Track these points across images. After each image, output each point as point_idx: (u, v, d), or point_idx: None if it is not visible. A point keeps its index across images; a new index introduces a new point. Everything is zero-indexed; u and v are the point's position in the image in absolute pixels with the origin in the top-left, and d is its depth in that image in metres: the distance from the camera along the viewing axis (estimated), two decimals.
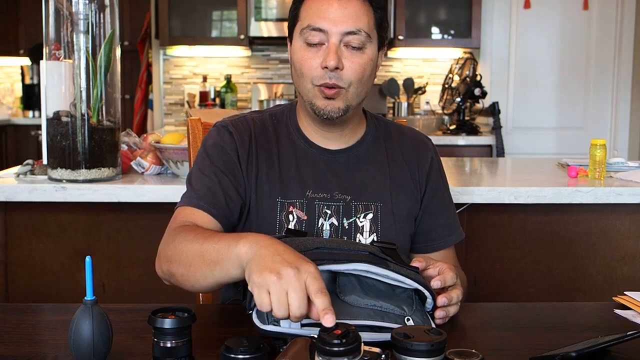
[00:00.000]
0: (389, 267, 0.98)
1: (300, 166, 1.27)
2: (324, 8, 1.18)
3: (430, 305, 1.02)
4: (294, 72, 1.25)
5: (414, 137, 1.38)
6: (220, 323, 1.08)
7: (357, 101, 1.24)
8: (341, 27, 1.17)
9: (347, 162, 1.29)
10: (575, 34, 4.17)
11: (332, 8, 1.18)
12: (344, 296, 0.96)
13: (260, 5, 4.01)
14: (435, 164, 1.36)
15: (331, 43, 1.18)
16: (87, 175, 1.83)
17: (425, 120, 4.00)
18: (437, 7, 4.17)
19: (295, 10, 1.24)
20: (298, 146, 1.29)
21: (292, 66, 1.25)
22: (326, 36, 1.18)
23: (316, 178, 1.26)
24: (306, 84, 1.22)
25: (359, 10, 1.19)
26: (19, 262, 1.91)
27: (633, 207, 1.93)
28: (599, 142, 2.01)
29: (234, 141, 1.25)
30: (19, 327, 1.03)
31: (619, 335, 0.89)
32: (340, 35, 1.18)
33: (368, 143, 1.33)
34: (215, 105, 4.27)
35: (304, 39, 1.20)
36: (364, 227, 1.26)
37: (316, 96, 1.21)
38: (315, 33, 1.18)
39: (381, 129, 1.36)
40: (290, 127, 1.31)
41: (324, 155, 1.29)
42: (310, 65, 1.20)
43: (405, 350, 0.81)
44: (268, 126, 1.30)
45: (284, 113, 1.34)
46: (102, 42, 1.79)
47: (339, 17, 1.17)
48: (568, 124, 4.24)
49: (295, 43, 1.23)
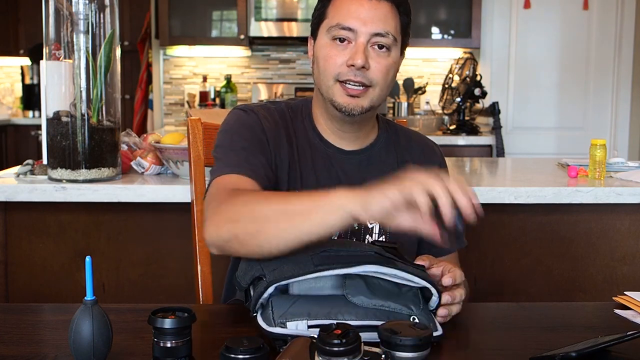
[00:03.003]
0: (397, 266, 0.98)
1: (315, 162, 1.27)
2: (354, 8, 1.19)
3: (435, 304, 1.02)
4: (316, 69, 1.25)
5: (422, 143, 1.39)
6: (220, 323, 1.08)
7: (379, 102, 1.24)
8: (370, 27, 1.18)
9: (359, 163, 1.30)
10: (575, 34, 4.17)
11: (363, 8, 1.18)
12: (352, 297, 0.96)
13: (260, 5, 4.01)
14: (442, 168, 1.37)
15: (359, 42, 1.18)
16: (87, 175, 1.83)
17: (425, 120, 4.00)
18: (437, 7, 4.17)
19: (322, 8, 1.24)
20: (313, 142, 1.29)
21: (315, 63, 1.25)
22: (354, 35, 1.19)
23: (329, 176, 1.26)
24: (327, 81, 1.21)
25: (388, 13, 1.19)
26: (19, 262, 1.91)
27: (633, 207, 1.93)
28: (599, 142, 2.01)
29: (260, 122, 1.24)
30: (19, 327, 1.03)
31: (619, 335, 0.89)
32: (368, 36, 1.18)
33: (380, 147, 1.33)
34: (215, 105, 4.27)
35: (331, 36, 1.20)
36: (374, 229, 1.26)
37: (337, 93, 1.21)
38: (343, 32, 1.19)
39: (392, 134, 1.36)
40: (306, 122, 1.30)
41: (337, 154, 1.29)
42: (334, 61, 1.20)
43: (395, 346, 0.82)
44: (287, 117, 1.30)
45: (300, 107, 1.33)
46: (102, 42, 1.79)
47: (369, 17, 1.18)
48: (568, 124, 4.24)
49: (320, 40, 1.24)
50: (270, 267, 0.98)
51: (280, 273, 0.96)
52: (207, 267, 1.44)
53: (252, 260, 1.04)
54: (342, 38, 1.19)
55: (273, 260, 1.00)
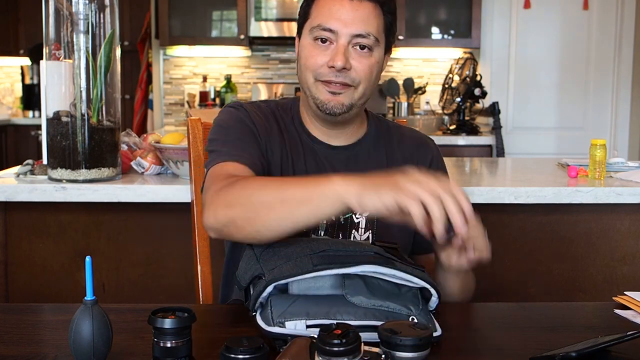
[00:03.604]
0: (396, 266, 0.98)
1: (305, 157, 1.29)
2: (335, 8, 1.19)
3: (434, 304, 1.02)
4: (299, 68, 1.26)
5: (415, 138, 1.39)
6: (220, 323, 1.08)
7: (362, 101, 1.25)
8: (351, 28, 1.18)
9: (346, 159, 1.31)
10: (575, 34, 4.17)
11: (344, 9, 1.19)
12: (351, 297, 0.96)
13: (260, 5, 4.02)
14: (435, 164, 1.36)
15: (340, 44, 1.19)
16: (87, 175, 1.83)
17: (425, 120, 4.00)
18: (437, 7, 4.18)
19: (306, 7, 1.25)
20: (301, 139, 1.30)
21: (298, 61, 1.27)
22: (335, 36, 1.19)
23: (317, 171, 1.27)
24: (309, 79, 1.23)
25: (370, 13, 1.20)
26: (19, 262, 1.91)
27: (633, 207, 1.93)
28: (599, 142, 2.01)
29: (250, 116, 1.26)
30: (19, 327, 1.03)
31: (619, 335, 0.89)
32: (349, 37, 1.19)
33: (368, 143, 1.33)
34: (215, 105, 4.27)
35: (313, 36, 1.21)
36: (360, 224, 1.27)
37: (319, 90, 1.23)
38: (324, 32, 1.20)
39: (382, 130, 1.37)
40: (294, 120, 1.32)
41: (325, 150, 1.30)
42: (315, 61, 1.21)
43: (395, 346, 0.82)
44: (276, 114, 1.32)
45: (289, 106, 1.35)
46: (102, 42, 1.79)
47: (350, 18, 1.18)
48: (568, 124, 4.24)
49: (303, 39, 1.25)
50: (270, 266, 0.98)
51: (279, 272, 0.96)
52: (207, 267, 1.44)
53: (252, 259, 1.04)
54: (324, 39, 1.20)
55: (272, 260, 1.00)
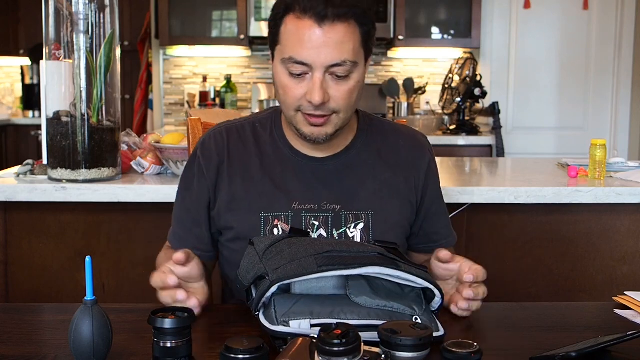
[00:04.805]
0: (400, 267, 0.98)
1: (285, 176, 1.23)
2: (306, 38, 1.10)
3: (437, 305, 1.02)
4: (277, 92, 1.19)
5: (410, 137, 1.33)
6: (220, 323, 1.08)
7: (345, 123, 1.20)
8: (325, 59, 1.10)
9: (335, 169, 1.25)
10: (575, 34, 4.17)
11: (315, 36, 1.09)
12: (355, 297, 0.96)
13: (260, 5, 4.01)
14: (432, 165, 1.33)
15: (315, 77, 1.11)
16: (87, 175, 1.83)
17: (425, 120, 4.00)
18: (437, 7, 4.17)
19: (275, 27, 1.16)
20: (283, 155, 1.25)
21: (275, 84, 1.19)
22: (309, 69, 1.12)
23: (303, 188, 1.23)
24: (289, 111, 1.18)
25: (343, 36, 1.10)
26: (19, 262, 1.91)
27: (633, 207, 1.93)
28: (599, 142, 2.01)
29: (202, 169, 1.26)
30: (19, 327, 1.03)
31: (619, 335, 0.89)
32: (324, 69, 1.11)
33: (358, 148, 1.28)
34: (215, 105, 4.27)
35: (286, 67, 1.14)
36: (355, 238, 1.22)
37: (300, 122, 1.17)
38: (298, 66, 1.12)
39: (374, 131, 1.31)
40: (275, 134, 1.27)
41: (310, 163, 1.25)
42: (294, 94, 1.14)
43: (395, 346, 0.82)
44: (249, 136, 1.27)
45: (270, 119, 1.29)
46: (102, 42, 1.79)
47: (323, 46, 1.09)
48: (568, 124, 4.24)
49: (277, 66, 1.16)
50: (273, 266, 0.98)
51: (283, 272, 0.95)
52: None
53: (254, 259, 1.04)
54: (298, 73, 1.13)
55: (276, 259, 1.00)
